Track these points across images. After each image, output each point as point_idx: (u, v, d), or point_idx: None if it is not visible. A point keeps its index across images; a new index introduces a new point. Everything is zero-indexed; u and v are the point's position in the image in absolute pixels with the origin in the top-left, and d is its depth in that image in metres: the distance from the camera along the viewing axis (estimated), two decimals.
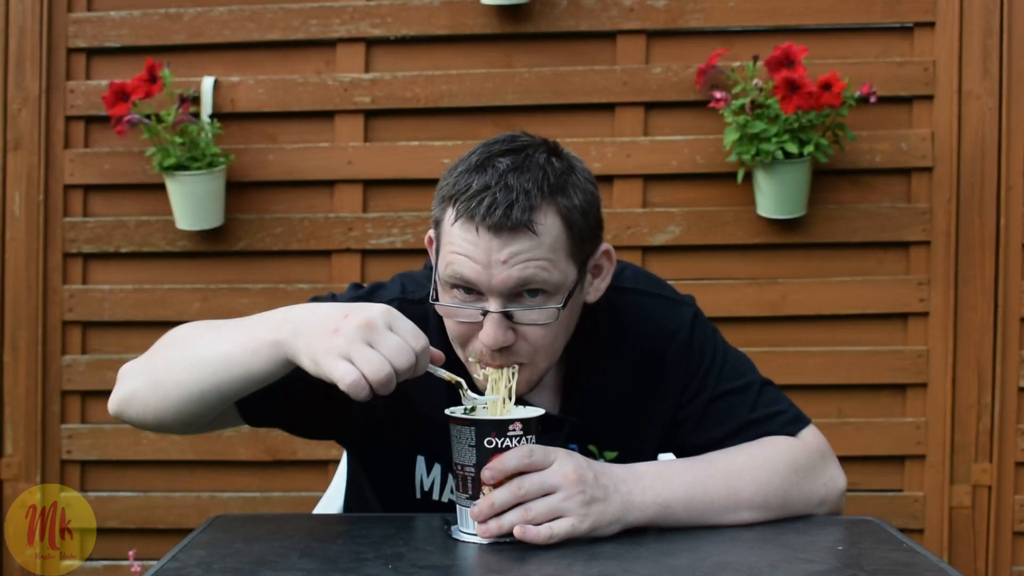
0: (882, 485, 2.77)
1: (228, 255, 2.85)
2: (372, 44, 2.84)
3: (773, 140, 2.59)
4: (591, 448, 1.54)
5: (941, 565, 1.26)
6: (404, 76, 2.82)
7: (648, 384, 1.56)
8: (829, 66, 2.68)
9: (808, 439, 1.53)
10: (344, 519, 1.65)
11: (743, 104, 2.62)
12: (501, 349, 1.39)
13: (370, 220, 2.82)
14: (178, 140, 2.68)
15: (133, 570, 2.54)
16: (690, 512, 1.39)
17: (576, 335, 1.50)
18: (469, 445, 1.31)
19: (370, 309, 1.26)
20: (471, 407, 1.35)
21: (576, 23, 2.79)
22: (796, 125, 2.60)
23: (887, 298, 2.75)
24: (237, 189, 2.82)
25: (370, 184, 2.84)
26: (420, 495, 1.56)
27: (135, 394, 1.42)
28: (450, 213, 1.40)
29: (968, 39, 2.72)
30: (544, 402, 1.51)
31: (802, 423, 1.55)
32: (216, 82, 2.82)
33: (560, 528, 1.29)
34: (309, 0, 2.83)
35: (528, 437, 1.31)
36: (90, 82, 2.87)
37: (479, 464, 1.30)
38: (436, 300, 1.44)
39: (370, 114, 2.84)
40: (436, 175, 1.49)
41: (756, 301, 2.77)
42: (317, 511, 1.92)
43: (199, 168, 2.69)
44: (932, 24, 2.74)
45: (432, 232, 1.49)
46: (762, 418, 1.53)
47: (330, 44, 2.84)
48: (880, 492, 2.77)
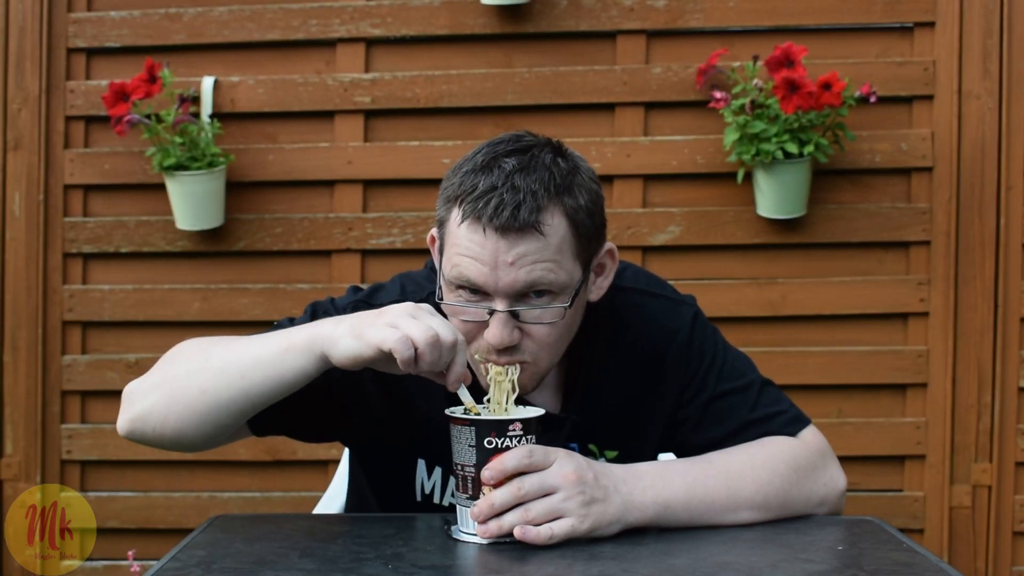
0: (882, 485, 2.77)
1: (228, 255, 2.85)
2: (372, 44, 2.84)
3: (773, 140, 2.59)
4: (591, 448, 1.54)
5: (941, 565, 1.26)
6: (404, 76, 2.82)
7: (648, 384, 1.56)
8: (829, 66, 2.68)
9: (808, 439, 1.53)
10: (344, 519, 1.65)
11: (743, 104, 2.62)
12: (507, 347, 1.39)
13: (370, 220, 2.82)
14: (178, 140, 2.68)
15: (133, 570, 2.53)
16: (690, 512, 1.39)
17: (577, 335, 1.50)
18: (469, 445, 1.31)
19: (411, 303, 1.33)
20: (471, 407, 1.35)
21: (576, 23, 2.79)
22: (796, 125, 2.60)
23: (887, 298, 2.75)
24: (237, 189, 2.82)
25: (370, 184, 2.84)
26: (421, 498, 1.56)
27: (151, 411, 1.39)
28: (456, 213, 1.39)
29: (968, 39, 2.72)
30: (544, 401, 1.51)
31: (802, 423, 1.55)
32: (216, 82, 2.82)
33: (560, 529, 1.29)
34: (309, 0, 2.83)
35: (528, 437, 1.31)
36: (90, 82, 2.87)
37: (479, 464, 1.30)
38: (441, 299, 1.44)
39: (370, 114, 2.84)
40: (436, 175, 1.49)
41: (756, 301, 2.77)
42: (317, 511, 1.92)
43: (199, 168, 2.69)
44: (932, 24, 2.74)
45: (435, 231, 1.48)
46: (762, 418, 1.53)
47: (330, 44, 2.84)
48: (880, 492, 2.77)
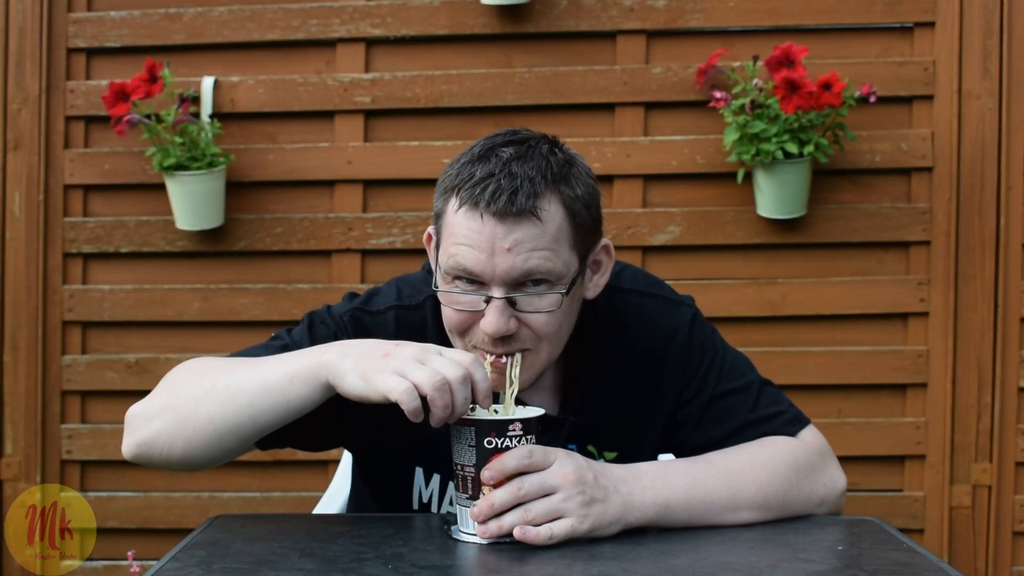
0: (882, 485, 2.77)
1: (228, 255, 2.85)
2: (372, 44, 2.84)
3: (773, 140, 2.59)
4: (590, 448, 1.53)
5: (941, 565, 1.26)
6: (404, 76, 2.82)
7: (647, 384, 1.56)
8: (829, 66, 2.68)
9: (808, 439, 1.53)
10: (344, 519, 1.65)
11: (743, 104, 2.62)
12: (503, 337, 1.39)
13: (370, 220, 2.82)
14: (178, 140, 2.68)
15: (133, 570, 2.53)
16: (690, 512, 1.38)
17: (575, 335, 1.50)
18: (469, 445, 1.30)
19: (420, 343, 1.30)
20: (471, 408, 1.34)
21: (576, 23, 2.79)
22: (796, 125, 2.60)
23: (887, 298, 2.75)
24: (237, 189, 2.82)
25: (370, 184, 2.84)
26: (418, 506, 1.56)
27: (157, 436, 1.38)
28: (453, 202, 1.40)
29: (968, 39, 2.72)
30: (543, 402, 1.51)
31: (802, 423, 1.55)
32: (216, 82, 2.82)
33: (560, 529, 1.28)
34: (309, 0, 2.83)
35: (528, 437, 1.31)
36: (90, 82, 2.87)
37: (479, 464, 1.30)
38: (438, 288, 1.43)
39: (370, 114, 2.84)
40: (436, 175, 1.49)
41: (756, 301, 2.77)
42: (317, 511, 1.92)
43: (199, 168, 2.69)
44: (932, 24, 2.74)
45: (432, 228, 1.48)
46: (762, 418, 1.53)
47: (330, 44, 2.84)
48: (880, 492, 2.77)
